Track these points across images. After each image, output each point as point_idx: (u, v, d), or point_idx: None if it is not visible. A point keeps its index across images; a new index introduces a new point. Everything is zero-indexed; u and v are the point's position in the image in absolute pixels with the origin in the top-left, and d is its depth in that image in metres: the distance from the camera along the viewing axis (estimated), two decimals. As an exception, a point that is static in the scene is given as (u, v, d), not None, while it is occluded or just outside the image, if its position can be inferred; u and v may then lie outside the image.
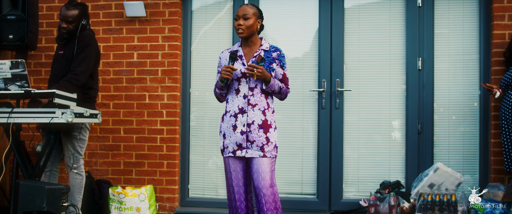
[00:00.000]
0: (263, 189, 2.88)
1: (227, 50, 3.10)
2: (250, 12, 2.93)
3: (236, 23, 2.94)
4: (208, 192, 4.49)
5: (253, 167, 2.92)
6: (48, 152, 3.36)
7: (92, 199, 4.11)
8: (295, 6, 4.41)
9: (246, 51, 3.02)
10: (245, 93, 2.95)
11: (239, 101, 2.95)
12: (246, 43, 3.02)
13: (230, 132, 2.96)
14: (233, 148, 2.95)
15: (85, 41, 3.48)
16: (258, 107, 2.93)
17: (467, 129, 4.21)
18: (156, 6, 4.39)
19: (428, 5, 4.22)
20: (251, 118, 2.92)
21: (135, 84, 4.42)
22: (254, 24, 2.95)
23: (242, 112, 2.93)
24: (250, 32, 2.96)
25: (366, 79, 4.32)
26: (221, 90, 3.00)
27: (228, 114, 2.99)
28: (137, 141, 4.40)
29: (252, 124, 2.91)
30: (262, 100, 2.95)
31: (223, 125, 3.02)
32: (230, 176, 2.99)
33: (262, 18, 3.02)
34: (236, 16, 2.95)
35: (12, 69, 3.22)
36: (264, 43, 3.02)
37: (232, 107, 2.97)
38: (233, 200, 3.00)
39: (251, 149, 2.91)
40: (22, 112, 3.23)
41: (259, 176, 2.89)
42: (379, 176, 4.24)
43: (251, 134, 2.91)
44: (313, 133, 4.34)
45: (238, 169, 2.98)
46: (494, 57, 4.03)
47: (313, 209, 4.29)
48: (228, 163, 2.99)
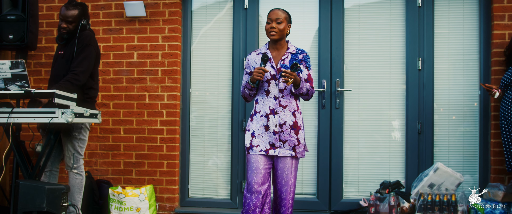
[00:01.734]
0: (285, 186, 3.06)
1: (255, 53, 3.19)
2: (282, 17, 3.06)
3: (268, 26, 3.05)
4: (208, 192, 4.49)
5: (279, 165, 3.06)
6: (48, 152, 3.36)
7: (92, 199, 4.11)
8: (295, 6, 4.41)
9: (274, 54, 3.13)
10: (276, 95, 3.05)
11: (270, 102, 3.05)
12: (274, 46, 3.13)
13: (262, 131, 3.06)
14: (266, 147, 3.04)
15: (85, 41, 3.48)
16: (288, 108, 3.05)
17: (467, 129, 4.21)
18: (156, 6, 4.39)
19: (428, 5, 4.22)
20: (283, 119, 3.03)
21: (135, 84, 4.42)
22: (285, 28, 3.09)
23: (274, 113, 3.04)
24: (281, 36, 3.08)
25: (366, 79, 4.32)
26: (251, 91, 3.09)
27: (258, 114, 3.08)
28: (137, 141, 4.40)
29: (284, 124, 3.03)
30: (292, 101, 3.07)
31: (253, 124, 3.10)
32: (257, 173, 3.03)
33: (291, 23, 3.15)
34: (268, 20, 3.06)
35: (12, 69, 3.22)
36: (291, 47, 3.14)
37: (263, 107, 3.07)
38: (255, 198, 3.02)
39: (283, 148, 3.03)
40: (22, 112, 3.22)
41: (284, 174, 3.05)
42: (379, 176, 4.25)
43: (283, 134, 3.03)
44: (313, 133, 4.34)
45: (265, 167, 3.05)
46: (494, 57, 4.03)
47: (313, 209, 4.29)
48: (255, 160, 3.05)
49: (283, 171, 3.05)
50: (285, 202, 3.07)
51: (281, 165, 3.05)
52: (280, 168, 3.05)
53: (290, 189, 3.06)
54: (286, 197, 3.06)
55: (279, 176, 3.06)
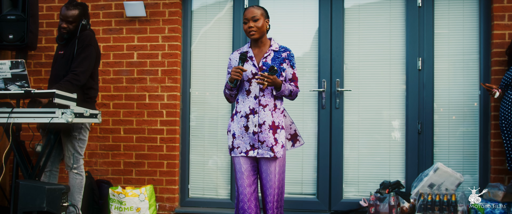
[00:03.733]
0: (269, 189, 2.95)
1: (237, 52, 3.12)
2: (258, 13, 2.98)
3: (246, 26, 2.98)
4: (208, 192, 4.49)
5: (262, 167, 2.97)
6: (48, 152, 3.36)
7: (92, 199, 4.11)
8: (295, 6, 4.41)
9: (256, 52, 3.04)
10: (256, 94, 2.97)
11: (250, 102, 2.97)
12: (256, 44, 3.05)
13: (241, 132, 2.98)
14: (246, 148, 2.97)
15: (85, 41, 3.48)
16: (268, 107, 2.96)
17: (467, 129, 4.21)
18: (156, 6, 4.39)
19: (428, 5, 4.22)
20: (262, 118, 2.95)
21: (135, 84, 4.42)
22: (264, 25, 3.00)
23: (254, 113, 2.96)
24: (261, 33, 3.00)
25: (366, 79, 4.32)
26: (231, 91, 3.02)
27: (238, 114, 3.01)
28: (137, 141, 4.40)
29: (263, 124, 2.94)
30: (271, 100, 2.98)
31: (233, 124, 3.03)
32: (240, 175, 2.99)
33: (269, 18, 3.07)
34: (245, 20, 2.98)
35: (12, 69, 3.22)
36: (274, 44, 3.06)
37: (243, 107, 2.99)
38: (242, 201, 2.99)
39: (262, 149, 2.94)
40: (22, 112, 3.22)
41: (267, 176, 2.95)
42: (379, 176, 4.25)
43: (261, 134, 2.94)
44: (313, 133, 4.34)
45: (249, 169, 2.99)
46: (494, 57, 4.03)
47: (313, 209, 4.29)
48: (238, 162, 3.00)
49: (267, 173, 2.96)
50: (271, 204, 2.97)
51: (264, 167, 2.97)
52: (264, 170, 2.97)
53: (274, 192, 2.95)
54: (270, 199, 2.96)
55: (263, 178, 2.98)
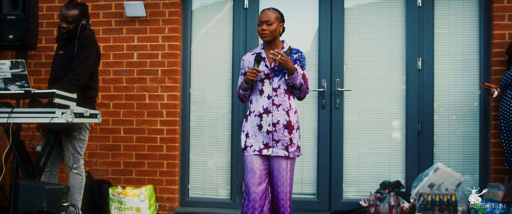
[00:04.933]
0: (281, 187, 3.03)
1: (250, 53, 3.19)
2: (273, 17, 3.03)
3: (259, 28, 3.05)
4: (208, 192, 4.49)
5: (274, 165, 3.04)
6: (48, 152, 3.36)
7: (92, 199, 4.11)
8: (295, 6, 4.41)
9: (268, 54, 3.10)
10: (269, 94, 3.04)
11: (264, 101, 3.04)
12: (269, 46, 3.12)
13: (255, 131, 3.04)
14: (259, 146, 3.03)
15: (85, 41, 3.48)
16: (282, 106, 3.03)
17: (467, 129, 4.21)
18: (156, 6, 4.39)
19: (428, 5, 4.22)
20: (276, 118, 3.01)
21: (135, 84, 4.42)
22: (277, 29, 3.06)
23: (267, 112, 3.02)
24: (273, 37, 3.07)
25: (366, 79, 4.32)
26: (245, 92, 3.09)
27: (252, 114, 3.08)
28: (137, 141, 4.40)
29: (278, 123, 3.01)
30: (285, 100, 3.04)
31: (247, 124, 3.10)
32: (252, 174, 3.03)
33: (284, 21, 3.13)
34: (259, 22, 3.05)
35: (12, 69, 3.22)
36: (286, 46, 3.13)
37: (257, 107, 3.06)
38: (253, 200, 3.01)
39: (276, 148, 3.01)
40: (22, 112, 3.22)
41: (279, 174, 3.03)
42: (379, 176, 4.25)
43: (276, 133, 3.01)
44: (313, 133, 4.34)
45: (261, 168, 3.04)
46: (494, 57, 4.03)
47: (313, 209, 4.29)
48: (250, 162, 3.04)
49: (279, 171, 3.03)
50: (283, 202, 3.05)
51: (276, 165, 3.04)
52: (276, 168, 3.04)
53: (286, 189, 3.04)
54: (283, 197, 3.04)
55: (275, 176, 3.05)
